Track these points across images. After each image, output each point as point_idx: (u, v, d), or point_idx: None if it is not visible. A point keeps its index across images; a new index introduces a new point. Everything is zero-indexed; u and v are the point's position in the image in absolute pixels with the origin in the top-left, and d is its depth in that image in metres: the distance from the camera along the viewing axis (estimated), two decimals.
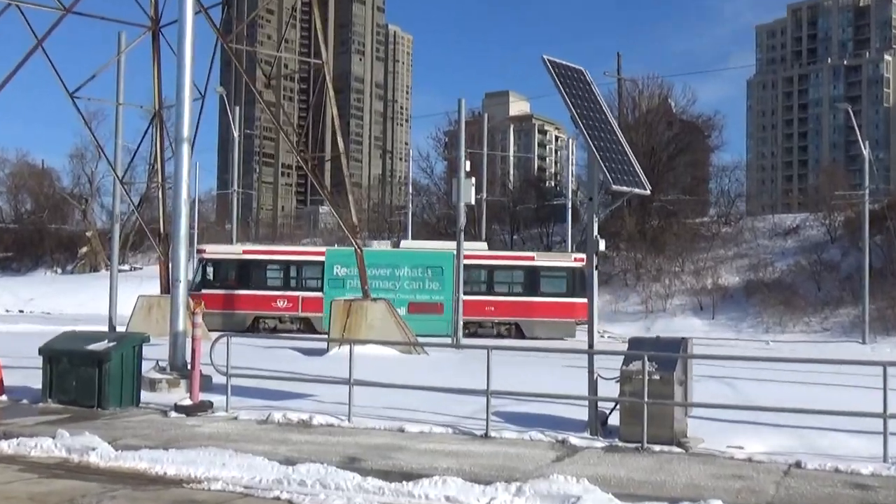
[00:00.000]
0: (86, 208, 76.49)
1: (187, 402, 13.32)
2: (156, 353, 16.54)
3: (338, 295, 38.77)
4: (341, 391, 13.40)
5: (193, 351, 13.44)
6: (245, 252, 40.72)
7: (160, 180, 31.48)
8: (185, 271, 16.29)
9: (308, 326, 37.88)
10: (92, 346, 13.67)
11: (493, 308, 38.85)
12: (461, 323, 31.70)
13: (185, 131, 16.27)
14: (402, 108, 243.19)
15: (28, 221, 79.85)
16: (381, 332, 24.72)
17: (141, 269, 67.56)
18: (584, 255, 44.28)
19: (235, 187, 52.83)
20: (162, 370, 15.80)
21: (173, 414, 13.14)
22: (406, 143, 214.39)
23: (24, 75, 21.21)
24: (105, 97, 36.96)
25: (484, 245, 43.54)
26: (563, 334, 37.90)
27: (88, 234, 72.28)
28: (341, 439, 11.43)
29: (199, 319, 13.63)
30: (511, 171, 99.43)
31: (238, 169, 56.51)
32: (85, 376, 13.60)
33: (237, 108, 53.34)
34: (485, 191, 49.88)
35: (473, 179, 32.34)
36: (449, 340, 32.33)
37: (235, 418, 12.90)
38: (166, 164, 32.31)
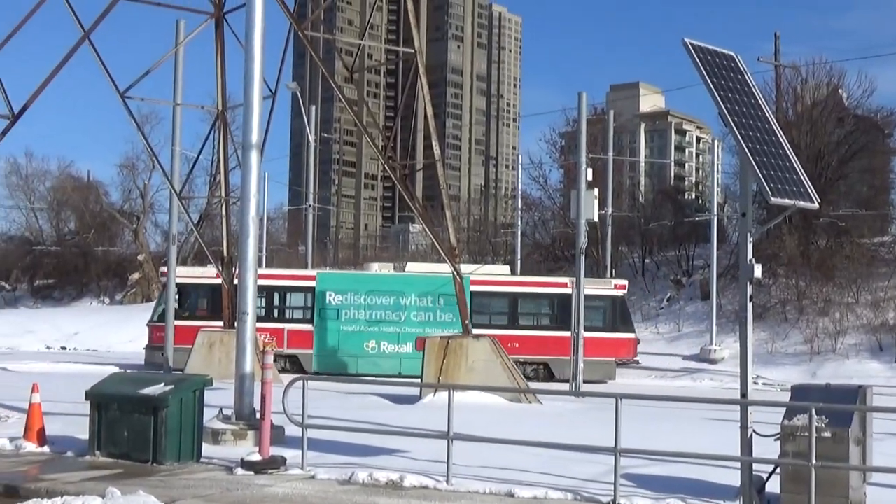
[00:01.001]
0: (137, 228, 78.68)
1: (256, 457, 13.57)
2: (219, 398, 16.91)
3: (331, 327, 39.10)
4: (438, 447, 13.46)
5: (263, 397, 13.69)
6: (220, 276, 41.09)
7: (223, 194, 32.27)
8: (255, 302, 16.60)
9: (296, 365, 37.59)
10: (146, 391, 14.05)
11: (517, 345, 37.74)
12: (581, 365, 31.51)
13: (254, 136, 16.63)
14: (508, 104, 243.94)
15: (71, 243, 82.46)
16: (483, 376, 24.76)
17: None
18: (625, 283, 43.12)
19: (310, 202, 53.76)
20: (226, 419, 16.12)
21: (240, 471, 13.41)
22: (514, 148, 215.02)
23: (67, 73, 22.00)
24: (159, 97, 38.20)
25: (506, 269, 43.55)
26: (601, 376, 37.12)
27: (140, 257, 74.37)
28: None
29: (269, 360, 13.90)
30: (642, 181, 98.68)
31: (314, 180, 57.52)
32: (138, 426, 13.97)
33: (312, 108, 54.38)
34: (610, 204, 49.56)
35: (596, 191, 32.19)
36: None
37: (313, 477, 13.10)
38: (230, 175, 33.18)
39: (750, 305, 12.03)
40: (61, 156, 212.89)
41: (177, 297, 39.11)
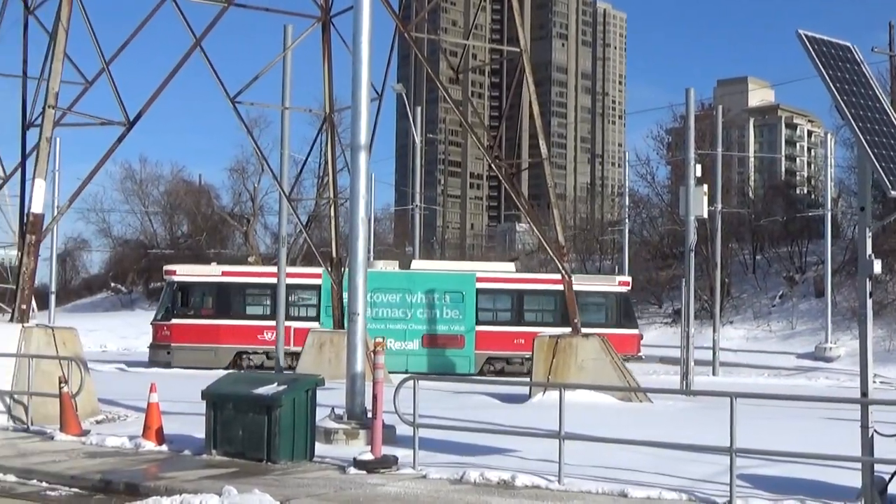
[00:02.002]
0: (248, 229, 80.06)
1: (368, 456, 13.68)
2: (330, 398, 17.08)
3: (333, 325, 39.11)
4: (548, 446, 13.42)
5: (375, 397, 13.79)
6: (224, 274, 40.94)
7: (332, 195, 32.59)
8: (365, 302, 16.73)
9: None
10: (260, 390, 14.26)
11: (522, 341, 37.65)
12: (691, 363, 31.02)
13: (363, 137, 16.76)
14: (614, 102, 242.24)
15: (184, 246, 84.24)
16: (593, 375, 24.61)
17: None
18: (629, 279, 43.25)
19: (417, 202, 54.03)
20: (338, 418, 16.28)
21: (352, 470, 13.53)
22: (620, 145, 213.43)
23: (178, 80, 22.39)
24: (267, 101, 38.76)
25: (511, 266, 43.38)
26: None
27: (251, 258, 75.51)
28: None
29: (380, 360, 14.00)
30: (752, 176, 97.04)
31: (420, 180, 57.83)
32: (252, 425, 14.19)
33: (418, 109, 54.64)
34: (719, 201, 48.58)
35: (706, 187, 31.71)
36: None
37: (424, 476, 13.15)
38: (338, 177, 33.50)
39: (869, 302, 11.72)
40: (174, 160, 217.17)
41: (181, 295, 39.79)
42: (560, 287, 39.60)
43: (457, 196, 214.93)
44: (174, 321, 38.62)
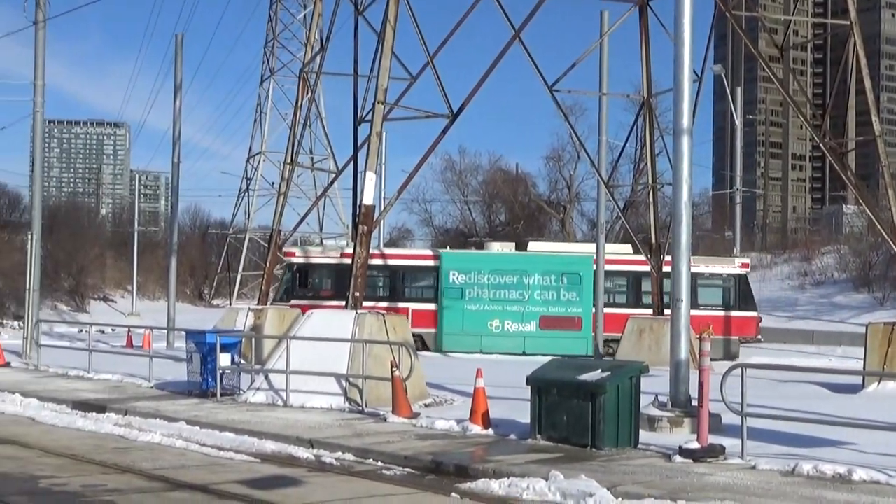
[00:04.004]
0: (564, 217, 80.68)
1: (695, 445, 13.46)
2: (652, 385, 16.96)
3: (454, 306, 37.51)
4: (886, 440, 12.76)
5: (701, 384, 13.56)
6: (343, 256, 39.87)
7: (650, 181, 32.34)
8: (689, 289, 16.48)
9: (420, 344, 36.35)
10: (584, 377, 14.34)
11: None
12: None
13: (685, 121, 16.48)
14: None
15: (503, 234, 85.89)
16: None
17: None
18: (748, 261, 41.23)
19: (737, 185, 52.66)
20: (662, 406, 16.15)
21: (678, 458, 13.36)
22: None
23: (494, 70, 22.79)
24: (582, 87, 38.89)
25: (628, 248, 41.40)
26: (723, 355, 35.89)
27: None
28: (892, 501, 10.88)
29: (706, 347, 13.74)
30: None
31: (739, 163, 56.30)
32: (577, 411, 14.30)
33: (738, 90, 53.23)
34: None
35: None
36: None
37: (753, 467, 12.80)
38: (656, 161, 33.18)
39: None
40: (491, 150, 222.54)
41: (300, 277, 40.16)
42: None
43: (778, 178, 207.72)
44: (293, 302, 38.90)
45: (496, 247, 43.01)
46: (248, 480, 12.24)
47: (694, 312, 37.43)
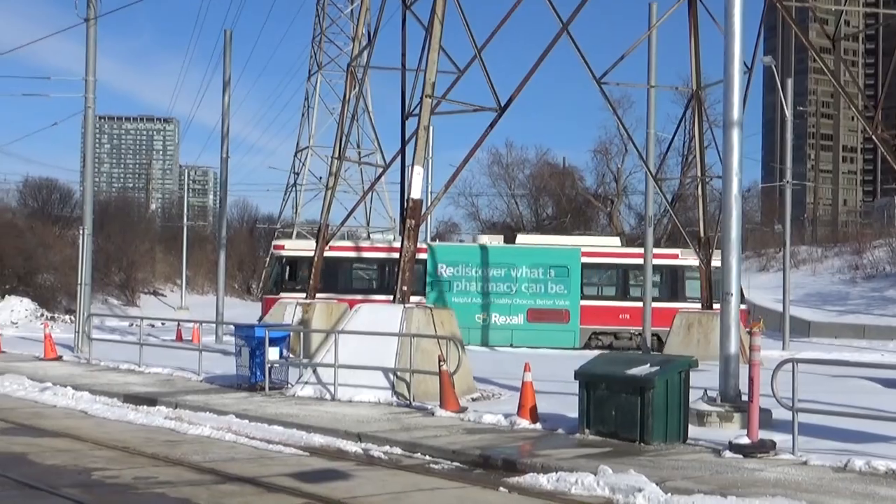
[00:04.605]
0: (611, 210, 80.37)
1: (745, 440, 13.36)
2: (701, 379, 16.85)
3: (442, 299, 37.38)
4: None
5: (751, 379, 13.45)
6: (332, 248, 39.57)
7: (699, 173, 32.09)
8: (738, 282, 16.36)
9: None
10: (633, 371, 14.28)
11: (627, 316, 38.04)
12: None
13: (735, 113, 16.35)
14: None
15: (550, 228, 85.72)
16: None
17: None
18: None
19: (787, 178, 52.00)
20: (711, 401, 16.05)
21: (728, 454, 13.26)
22: None
23: (541, 63, 22.69)
24: (629, 80, 38.69)
25: (616, 241, 41.98)
26: None
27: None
28: None
29: (757, 342, 13.63)
30: None
31: (789, 155, 55.64)
32: (625, 405, 14.24)
33: (787, 81, 52.63)
34: None
35: None
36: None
37: (804, 463, 12.69)
38: (704, 154, 32.91)
39: None
40: (538, 144, 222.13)
41: (288, 269, 40.39)
42: (666, 262, 38.73)
43: (828, 171, 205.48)
44: (282, 295, 39.18)
45: (484, 240, 43.13)
46: (297, 473, 12.31)
47: (684, 305, 37.69)
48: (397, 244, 42.88)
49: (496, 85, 22.16)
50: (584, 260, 39.56)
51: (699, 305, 34.81)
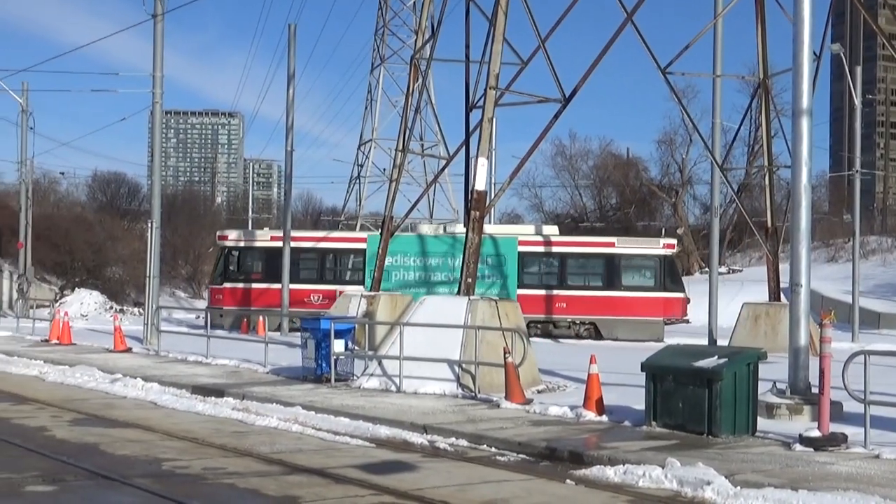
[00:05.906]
0: (676, 201, 79.71)
1: (815, 433, 13.18)
2: (769, 371, 16.64)
3: (381, 288, 36.92)
4: None
5: (822, 371, 13.27)
6: (273, 239, 40.92)
7: (766, 163, 31.70)
8: (808, 273, 16.11)
9: None
10: (700, 363, 14.14)
11: (565, 305, 38.24)
12: None
13: (804, 102, 16.11)
14: None
15: (614, 219, 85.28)
16: None
17: (740, 270, 68.73)
18: (674, 241, 40.95)
19: (856, 167, 51.22)
20: (780, 393, 15.86)
21: (798, 447, 13.09)
22: None
23: (606, 56, 22.48)
24: (694, 70, 38.32)
25: (554, 229, 41.66)
26: (648, 336, 36.45)
27: (680, 231, 75.17)
28: None
29: (828, 333, 13.43)
30: None
31: (857, 144, 54.81)
32: (693, 397, 14.11)
33: (857, 69, 51.82)
34: None
35: None
36: None
37: (877, 456, 12.49)
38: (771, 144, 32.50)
39: None
40: (602, 135, 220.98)
41: (231, 259, 41.14)
42: (603, 250, 38.81)
43: None
44: (225, 285, 40.08)
45: (425, 229, 43.33)
46: (363, 465, 12.35)
47: (620, 294, 38.73)
48: (363, 233, 43.52)
49: (560, 76, 22.04)
50: (522, 249, 39.71)
51: (637, 294, 36.81)
